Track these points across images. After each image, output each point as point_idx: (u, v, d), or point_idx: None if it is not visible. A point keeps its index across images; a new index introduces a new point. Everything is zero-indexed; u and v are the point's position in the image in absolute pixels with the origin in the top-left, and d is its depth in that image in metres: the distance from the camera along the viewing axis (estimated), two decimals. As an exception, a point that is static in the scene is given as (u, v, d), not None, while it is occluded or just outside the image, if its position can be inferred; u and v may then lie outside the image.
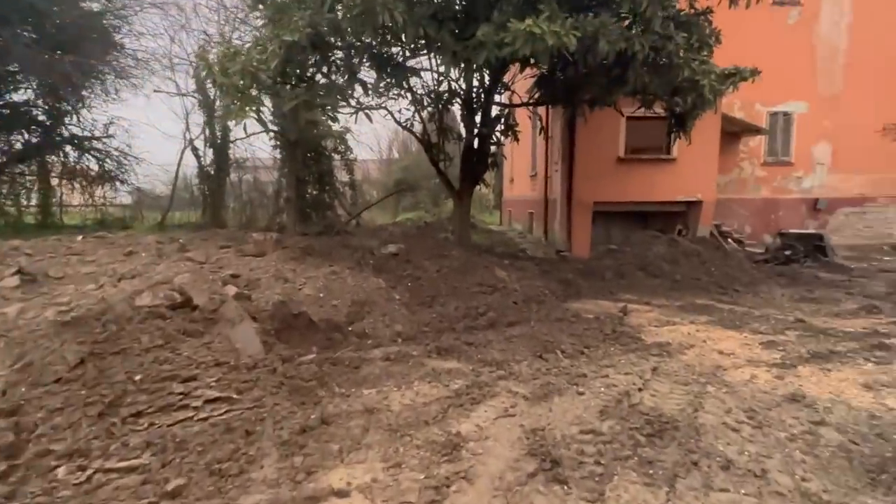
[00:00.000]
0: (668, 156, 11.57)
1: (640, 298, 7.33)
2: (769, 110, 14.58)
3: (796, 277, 8.54)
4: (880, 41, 14.37)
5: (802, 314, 6.42)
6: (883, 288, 7.89)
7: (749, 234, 14.65)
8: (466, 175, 9.59)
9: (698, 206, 11.81)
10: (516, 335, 5.15)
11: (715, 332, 5.60)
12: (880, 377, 4.21)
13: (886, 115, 14.04)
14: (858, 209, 15.13)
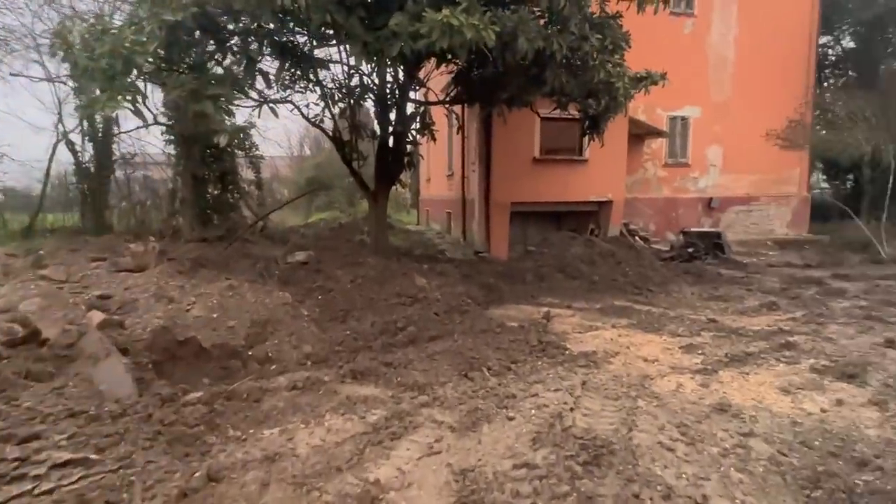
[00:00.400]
0: (581, 157, 11.77)
1: (561, 302, 7.24)
2: (669, 114, 15.38)
3: (701, 275, 8.95)
4: (762, 54, 15.65)
5: (713, 313, 6.63)
6: (777, 283, 8.44)
7: (653, 231, 15.40)
8: (382, 175, 9.08)
9: (609, 206, 12.14)
10: (439, 351, 4.76)
11: (636, 337, 5.56)
12: (793, 378, 4.29)
13: (769, 121, 15.30)
14: (745, 207, 16.42)
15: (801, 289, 7.97)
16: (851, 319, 6.19)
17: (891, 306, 6.85)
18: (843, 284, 8.33)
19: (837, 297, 7.39)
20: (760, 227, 16.47)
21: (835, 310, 6.70)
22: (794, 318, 6.31)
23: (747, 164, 15.95)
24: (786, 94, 16.05)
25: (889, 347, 5.06)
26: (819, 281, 8.55)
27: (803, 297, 7.37)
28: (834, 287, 8.12)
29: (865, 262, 11.24)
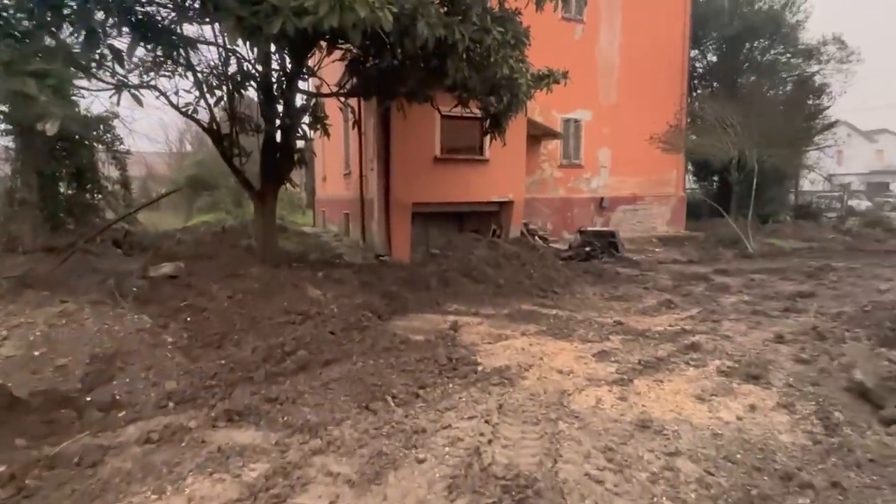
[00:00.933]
0: (482, 157, 11.57)
1: (468, 308, 6.86)
2: (563, 116, 15.82)
3: (601, 275, 9.09)
4: (644, 62, 16.63)
5: (617, 314, 6.61)
6: (669, 281, 8.78)
7: (550, 230, 15.75)
8: (268, 173, 8.11)
9: (510, 206, 12.08)
10: (336, 378, 4.09)
11: (548, 345, 5.30)
12: (704, 384, 4.22)
13: (651, 126, 16.30)
14: (632, 207, 17.40)
15: (690, 285, 8.33)
16: (741, 315, 6.46)
17: (770, 300, 7.31)
18: (725, 280, 8.88)
19: (723, 293, 7.78)
20: (645, 225, 17.54)
21: (724, 305, 7.01)
22: (691, 316, 6.47)
23: (633, 166, 16.89)
24: (665, 101, 17.22)
25: (780, 343, 5.25)
26: (705, 277, 9.03)
27: (694, 294, 7.67)
28: (718, 282, 8.60)
29: (737, 256, 12.25)
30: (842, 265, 10.70)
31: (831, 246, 14.08)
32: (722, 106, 14.71)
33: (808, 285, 8.34)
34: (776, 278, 9.09)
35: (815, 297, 7.43)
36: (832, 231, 16.89)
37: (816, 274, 9.33)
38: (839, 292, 7.78)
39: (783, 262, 11.15)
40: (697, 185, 23.42)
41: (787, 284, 8.48)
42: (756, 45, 19.29)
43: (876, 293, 7.73)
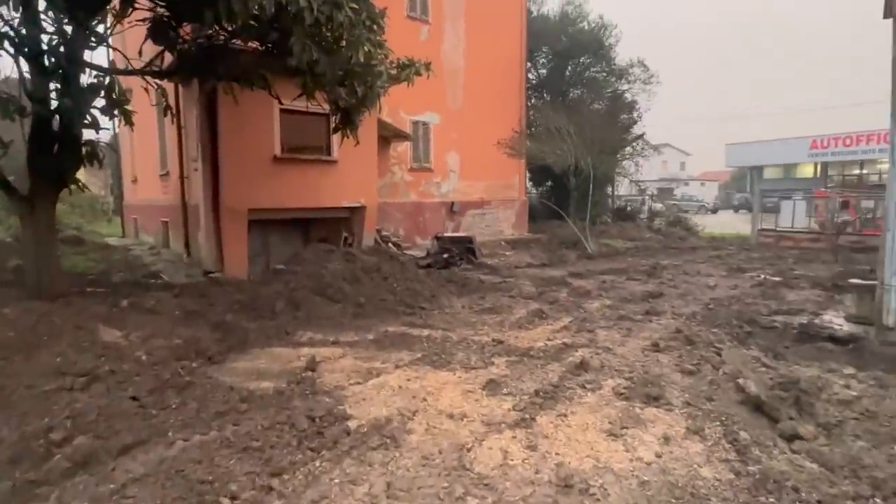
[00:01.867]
0: (330, 157, 10.40)
1: (325, 336, 5.73)
2: (412, 118, 15.28)
3: (465, 284, 8.60)
4: (487, 68, 16.91)
5: (493, 330, 6.07)
6: (531, 287, 8.63)
7: (403, 237, 15.11)
8: (42, 171, 6.02)
9: (362, 212, 11.08)
10: (138, 477, 2.74)
11: (428, 378, 4.47)
12: (608, 412, 3.77)
13: (496, 132, 16.61)
14: (480, 211, 17.60)
15: (553, 291, 8.25)
16: (610, 322, 6.39)
17: (628, 303, 7.47)
18: (581, 283, 9.04)
19: (586, 298, 7.80)
20: (492, 229, 17.87)
21: (591, 312, 6.93)
22: (565, 326, 6.20)
23: (480, 170, 17.07)
24: (507, 108, 17.78)
25: (657, 351, 5.15)
26: (563, 281, 9.10)
27: (560, 301, 7.54)
28: (576, 286, 8.69)
29: (581, 257, 12.90)
30: (667, 262, 11.81)
31: (651, 244, 15.73)
32: (560, 116, 15.53)
33: (653, 285, 8.85)
34: (623, 278, 9.53)
35: (664, 297, 7.81)
36: (647, 230, 19.08)
37: (653, 272, 10.04)
38: (680, 290, 8.33)
39: (622, 262, 11.95)
40: (533, 190, 24.92)
41: (635, 285, 8.90)
42: (581, 61, 20.97)
43: (708, 290, 8.44)
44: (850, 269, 10.37)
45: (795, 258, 12.87)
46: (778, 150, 47.09)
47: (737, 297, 7.61)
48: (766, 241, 18.07)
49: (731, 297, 7.75)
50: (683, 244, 16.28)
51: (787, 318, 6.39)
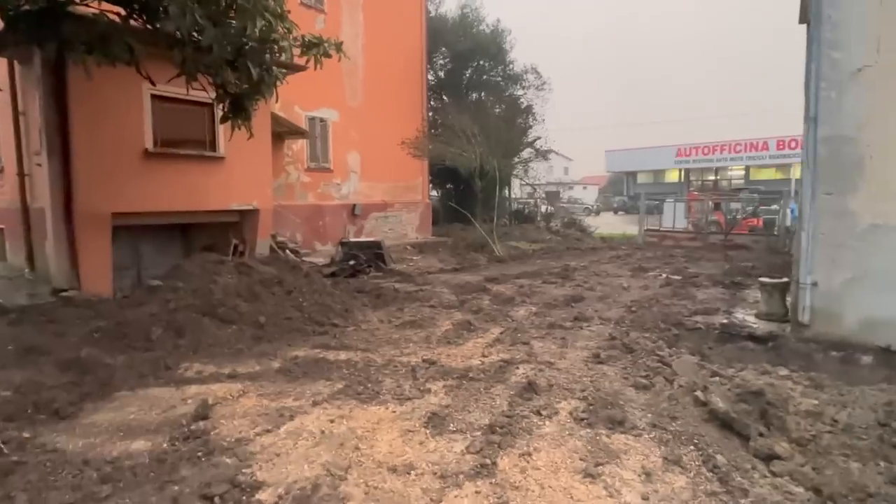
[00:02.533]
0: (216, 153, 9.07)
1: (218, 369, 4.67)
2: (308, 114, 14.13)
3: (379, 294, 7.81)
4: (387, 66, 16.20)
5: (420, 348, 5.39)
6: (450, 294, 8.07)
7: (301, 242, 13.86)
8: None
9: (255, 216, 9.84)
10: None
11: (357, 417, 3.69)
12: (575, 444, 3.27)
13: (398, 132, 15.92)
14: (383, 214, 16.81)
15: (474, 298, 7.76)
16: (541, 331, 6.01)
17: (553, 308, 7.19)
18: (500, 288, 8.67)
19: (509, 305, 7.40)
20: (396, 232, 17.17)
21: (520, 321, 6.52)
22: (497, 339, 5.70)
23: (382, 171, 16.30)
24: (408, 107, 17.19)
25: (600, 363, 4.81)
26: (481, 286, 8.65)
27: (485, 309, 7.06)
28: (496, 292, 8.30)
29: (491, 260, 12.65)
30: (575, 263, 11.94)
31: (554, 246, 16.01)
32: (464, 117, 15.25)
33: (570, 287, 8.73)
34: (539, 282, 9.34)
35: (585, 301, 7.65)
36: (547, 232, 19.54)
37: (566, 275, 9.99)
38: (598, 293, 8.27)
39: (532, 265, 11.86)
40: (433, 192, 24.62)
41: (553, 288, 8.71)
42: (480, 64, 21.01)
43: (623, 291, 8.48)
44: (737, 267, 11.17)
45: (684, 257, 13.71)
46: (650, 157, 51.73)
47: (654, 299, 7.66)
48: (652, 241, 19.30)
49: (648, 298, 7.80)
50: (582, 245, 16.81)
51: (707, 318, 6.46)
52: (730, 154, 45.51)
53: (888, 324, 5.15)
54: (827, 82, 5.20)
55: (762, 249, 16.85)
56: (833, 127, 5.22)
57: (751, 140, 43.94)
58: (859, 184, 5.19)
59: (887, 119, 5.01)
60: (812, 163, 5.29)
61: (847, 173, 5.23)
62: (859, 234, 5.22)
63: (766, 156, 43.72)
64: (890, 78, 4.98)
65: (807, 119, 5.27)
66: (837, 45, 5.16)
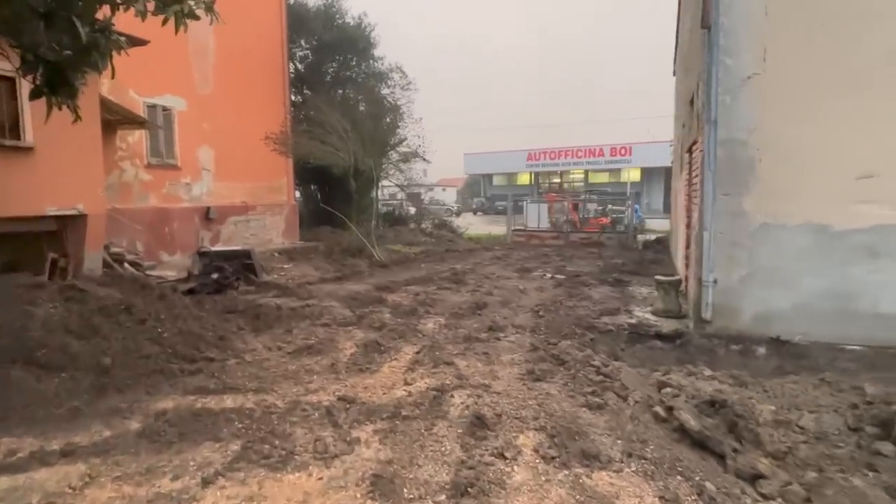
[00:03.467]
0: (19, 141, 7.00)
1: (44, 442, 3.27)
2: (147, 101, 11.92)
3: (258, 314, 6.55)
4: (243, 52, 14.42)
5: (326, 380, 4.46)
6: (344, 309, 7.11)
7: (143, 253, 11.62)
8: None
9: (81, 223, 7.87)
10: None
11: (273, 495, 2.72)
12: (561, 494, 2.73)
13: (258, 126, 14.24)
14: (243, 217, 14.97)
15: (372, 312, 6.92)
16: (459, 346, 5.44)
17: (460, 318, 6.67)
18: (395, 298, 7.94)
19: (413, 318, 6.71)
20: (260, 238, 15.43)
21: (432, 336, 5.87)
22: (416, 360, 4.98)
23: (241, 170, 14.49)
24: (269, 99, 15.54)
25: (537, 381, 4.38)
26: (374, 297, 7.82)
27: (388, 325, 6.28)
28: (393, 302, 7.55)
29: (372, 266, 11.80)
30: (461, 266, 11.65)
31: (431, 248, 15.66)
32: (334, 112, 14.17)
33: (467, 293, 8.32)
34: (433, 288, 8.79)
35: (488, 307, 7.28)
36: (421, 234, 19.20)
37: (457, 279, 9.60)
38: (497, 297, 7.96)
39: (419, 270, 11.30)
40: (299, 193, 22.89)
41: (451, 295, 8.23)
42: (346, 58, 19.93)
43: (521, 294, 8.30)
44: (609, 264, 11.82)
45: (557, 255, 14.27)
46: (504, 161, 54.63)
47: (556, 301, 7.57)
48: (519, 240, 20.05)
49: (549, 300, 7.70)
50: (458, 246, 16.74)
51: (613, 319, 6.47)
52: (573, 159, 50.11)
53: (777, 316, 5.52)
54: (722, 87, 5.42)
55: (616, 246, 18.39)
56: (728, 130, 5.46)
57: (589, 147, 48.85)
58: (751, 185, 5.49)
59: (774, 125, 5.36)
60: (712, 164, 5.48)
61: (741, 175, 5.51)
62: (752, 233, 5.53)
63: (602, 161, 48.96)
64: (776, 87, 5.32)
65: (708, 121, 5.44)
66: (730, 51, 5.40)
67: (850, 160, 5.15)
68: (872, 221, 5.13)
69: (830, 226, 5.26)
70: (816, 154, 5.25)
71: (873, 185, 5.09)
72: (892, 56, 4.96)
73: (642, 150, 45.77)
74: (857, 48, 5.05)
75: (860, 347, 5.24)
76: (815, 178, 5.27)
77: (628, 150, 46.66)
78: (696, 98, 6.27)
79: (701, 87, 5.88)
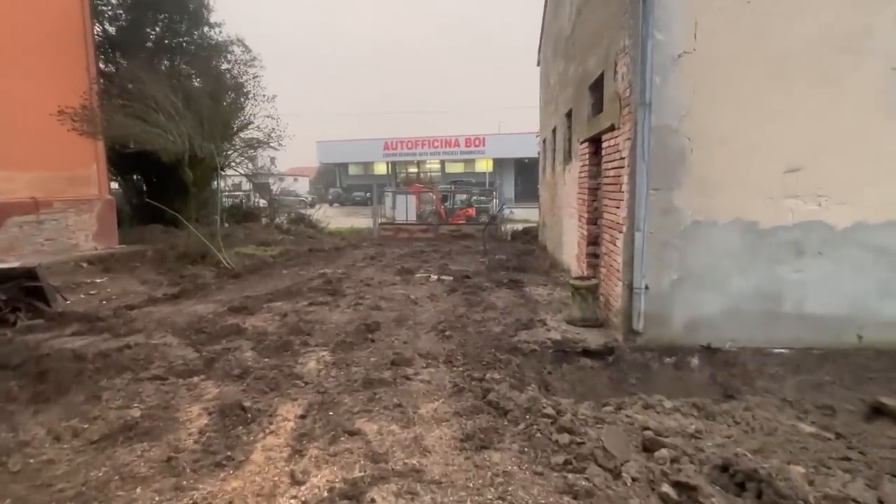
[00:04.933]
0: None
1: None
2: None
3: (46, 370, 4.31)
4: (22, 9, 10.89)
5: (157, 493, 2.76)
6: (186, 347, 5.16)
7: None
8: None
9: None
10: None
11: None
12: None
13: (50, 102, 10.86)
14: (34, 217, 11.47)
15: (226, 349, 5.09)
16: (358, 397, 3.99)
17: (352, 348, 5.19)
18: (258, 322, 6.13)
19: (284, 353, 5.03)
20: (60, 244, 12.03)
21: (317, 381, 4.32)
22: (302, 433, 3.44)
23: (26, 156, 11.01)
24: (65, 66, 12.03)
25: (482, 448, 3.19)
26: (226, 323, 5.94)
27: (250, 368, 4.55)
28: (256, 330, 5.74)
29: (221, 276, 9.60)
30: (331, 271, 10.04)
31: (291, 248, 13.65)
32: (160, 85, 11.37)
33: (349, 309, 6.82)
34: (304, 304, 7.12)
35: (381, 328, 5.91)
36: (277, 231, 16.88)
37: (332, 289, 8.03)
38: (388, 312, 6.61)
39: (281, 278, 9.41)
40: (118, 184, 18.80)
41: (330, 313, 6.65)
42: (175, 21, 16.61)
43: (413, 305, 7.05)
44: (494, 261, 11.13)
45: (434, 252, 13.31)
46: (360, 149, 52.66)
47: (457, 314, 6.46)
48: (387, 234, 18.79)
49: (449, 312, 6.57)
50: (322, 244, 14.88)
51: (531, 335, 5.55)
52: (429, 149, 50.05)
53: (707, 322, 5.06)
54: (654, 66, 4.72)
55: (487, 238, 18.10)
56: (658, 116, 4.79)
57: (445, 137, 49.22)
58: (682, 178, 4.91)
59: (704, 111, 4.81)
60: (646, 155, 4.78)
61: (671, 167, 4.89)
62: (683, 232, 4.97)
63: (457, 151, 49.69)
64: (707, 67, 4.76)
65: (642, 104, 4.71)
66: (661, 25, 4.71)
67: (778, 152, 4.81)
68: (798, 218, 4.86)
69: (758, 223, 4.90)
70: (746, 145, 4.82)
71: (799, 178, 4.81)
72: (821, 42, 4.67)
73: (495, 142, 47.37)
74: (786, 31, 4.69)
75: (786, 350, 4.98)
76: (745, 171, 4.85)
77: (482, 140, 47.93)
78: (614, 80, 5.57)
79: (624, 66, 5.17)
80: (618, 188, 5.33)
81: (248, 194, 26.58)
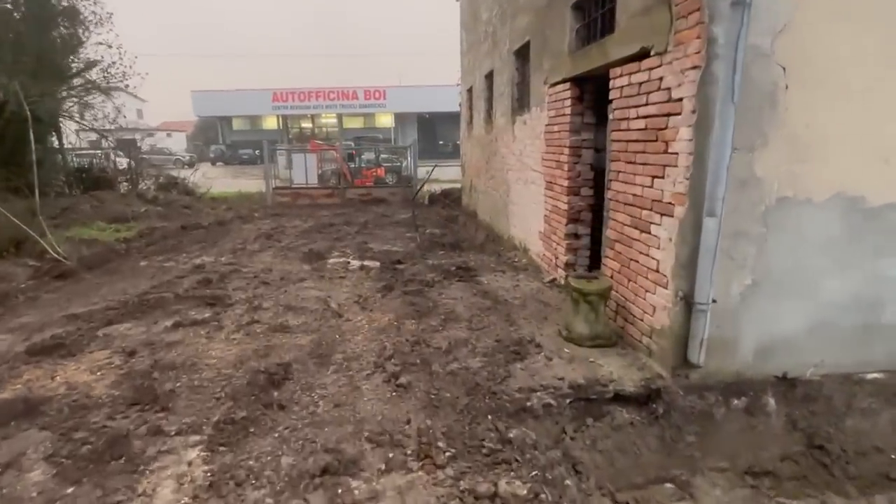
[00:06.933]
0: None
1: None
2: None
3: None
4: None
5: None
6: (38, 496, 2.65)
7: None
8: None
9: None
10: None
11: None
12: None
13: None
14: None
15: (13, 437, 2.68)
16: None
17: (245, 435, 2.99)
18: (79, 378, 3.65)
19: (118, 460, 2.73)
20: None
21: None
22: None
23: None
24: None
25: None
26: (24, 404, 3.43)
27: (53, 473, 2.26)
28: (71, 387, 3.31)
29: (42, 275, 6.61)
30: (211, 262, 7.43)
31: (160, 225, 10.55)
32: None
33: (240, 332, 4.49)
34: (166, 327, 4.65)
35: (291, 376, 3.72)
36: (140, 202, 13.38)
37: (215, 296, 5.57)
38: (300, 339, 4.39)
39: (135, 277, 6.64)
40: None
41: (207, 344, 4.28)
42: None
43: (340, 322, 4.87)
44: (427, 238, 9.11)
45: (344, 223, 10.98)
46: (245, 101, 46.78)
47: (407, 335, 4.40)
48: (284, 200, 15.99)
49: (394, 333, 4.50)
50: (201, 218, 11.85)
51: (527, 370, 3.69)
52: (325, 101, 45.63)
53: (786, 344, 3.51)
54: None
55: (400, 202, 15.97)
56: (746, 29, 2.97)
57: (342, 88, 45.10)
58: (769, 132, 3.18)
59: (812, 25, 3.07)
60: (734, 91, 2.95)
61: (755, 115, 3.14)
62: (764, 215, 3.30)
63: (356, 105, 45.91)
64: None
65: (737, 3, 2.84)
66: None
67: (902, 94, 3.23)
68: (915, 190, 3.38)
69: (864, 198, 3.35)
70: (866, 80, 3.18)
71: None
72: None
73: (396, 94, 44.29)
74: None
75: (881, 375, 3.61)
76: (859, 119, 3.23)
77: (382, 93, 44.62)
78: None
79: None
80: (661, 148, 3.50)
81: (109, 153, 21.70)
